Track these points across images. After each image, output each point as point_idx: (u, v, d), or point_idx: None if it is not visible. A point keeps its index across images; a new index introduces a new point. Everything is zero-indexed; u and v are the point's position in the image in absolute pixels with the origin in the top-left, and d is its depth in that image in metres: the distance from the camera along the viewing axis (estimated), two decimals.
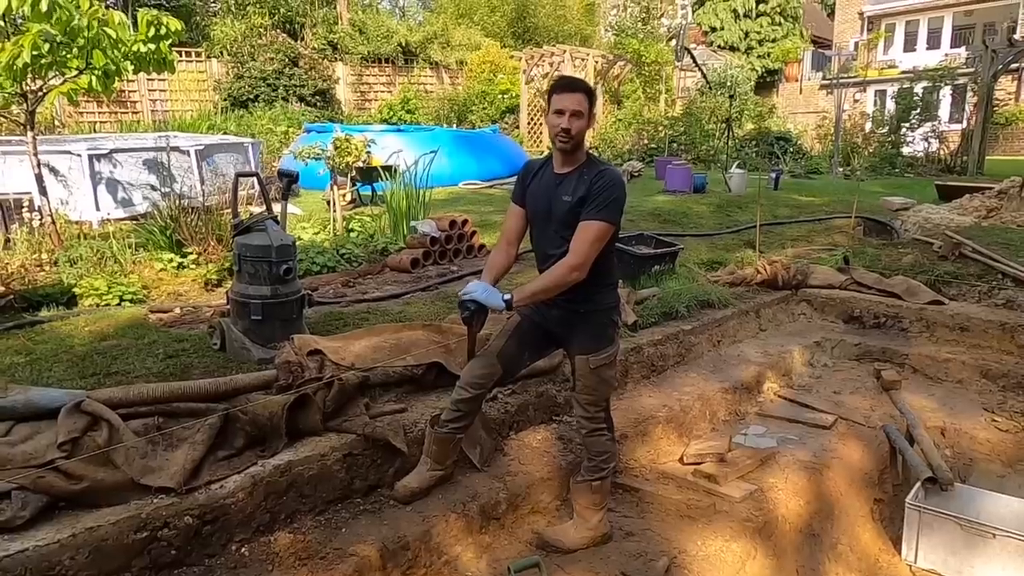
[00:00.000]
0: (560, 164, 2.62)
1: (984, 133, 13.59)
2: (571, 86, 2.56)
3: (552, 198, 2.61)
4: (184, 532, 2.39)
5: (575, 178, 2.57)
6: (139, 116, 15.41)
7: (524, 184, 2.74)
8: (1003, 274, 5.50)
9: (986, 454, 3.89)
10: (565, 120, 2.48)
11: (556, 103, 2.51)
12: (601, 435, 2.82)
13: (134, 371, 3.40)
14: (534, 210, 2.70)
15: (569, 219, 2.57)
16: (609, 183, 2.54)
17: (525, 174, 2.76)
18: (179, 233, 5.58)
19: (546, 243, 2.69)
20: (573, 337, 2.72)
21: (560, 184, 2.60)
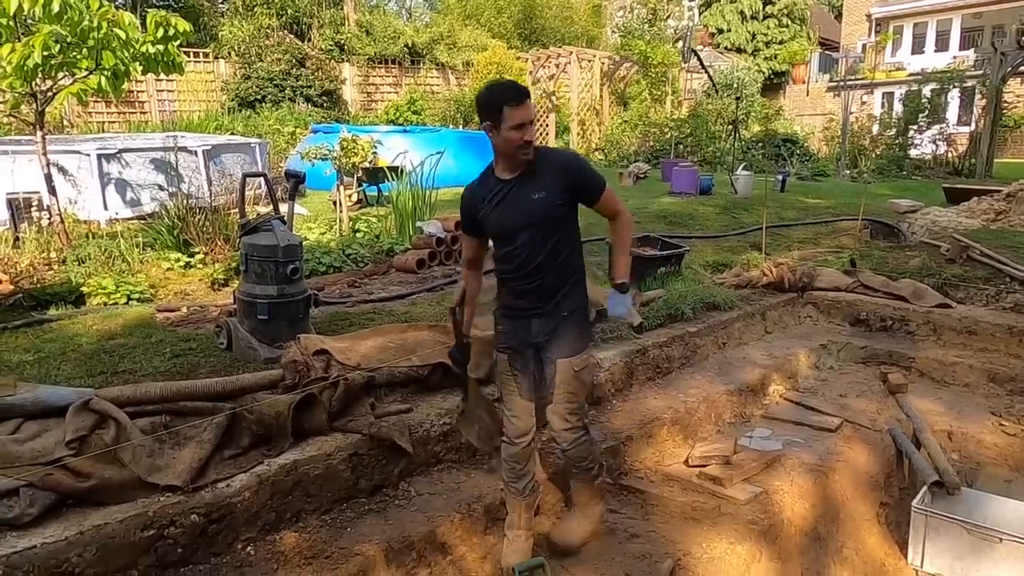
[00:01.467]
0: (508, 170, 2.49)
1: (993, 136, 13.51)
2: (522, 95, 2.40)
3: (521, 205, 2.46)
4: (190, 530, 2.40)
5: (533, 174, 2.47)
6: (147, 116, 15.49)
7: (476, 214, 2.55)
8: (1011, 277, 5.47)
9: (993, 458, 3.87)
10: (527, 132, 2.39)
11: (514, 118, 2.35)
12: (584, 441, 2.71)
13: (141, 370, 3.42)
14: (505, 228, 2.51)
15: (549, 213, 2.49)
16: (573, 158, 2.70)
17: (472, 204, 2.55)
18: (186, 233, 5.61)
19: (534, 254, 2.50)
20: (555, 343, 2.58)
21: (521, 187, 2.47)
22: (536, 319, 2.59)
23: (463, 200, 2.61)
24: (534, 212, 2.48)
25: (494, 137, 2.42)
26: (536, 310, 2.59)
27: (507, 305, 2.66)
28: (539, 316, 2.59)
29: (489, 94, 2.47)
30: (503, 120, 2.37)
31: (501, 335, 2.69)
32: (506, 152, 2.45)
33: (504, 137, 2.40)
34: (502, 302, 2.68)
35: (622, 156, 15.57)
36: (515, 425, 2.67)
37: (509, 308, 2.65)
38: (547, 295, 2.59)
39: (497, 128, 2.39)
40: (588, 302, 2.71)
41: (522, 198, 2.47)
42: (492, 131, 2.41)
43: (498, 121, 2.38)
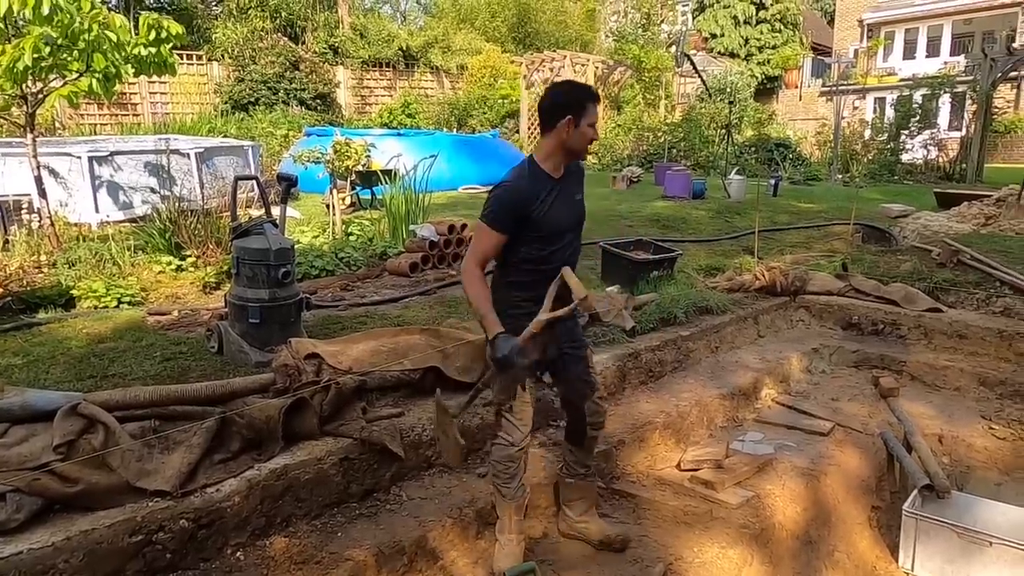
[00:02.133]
0: (557, 169, 2.54)
1: (983, 141, 13.61)
2: (598, 97, 2.55)
3: (570, 205, 2.57)
4: (179, 536, 2.38)
5: (569, 175, 2.59)
6: (140, 118, 15.46)
7: (529, 211, 2.44)
8: (1001, 282, 5.51)
9: (983, 462, 3.89)
10: (596, 131, 2.51)
11: (592, 116, 2.46)
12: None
13: (131, 374, 3.40)
14: (560, 227, 2.51)
15: (583, 213, 2.66)
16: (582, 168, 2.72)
17: (525, 200, 2.45)
18: (178, 236, 5.59)
19: (566, 253, 2.56)
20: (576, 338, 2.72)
21: (566, 187, 2.57)
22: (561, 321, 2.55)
23: (510, 195, 2.46)
24: (577, 212, 2.62)
25: (568, 132, 2.45)
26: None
27: (523, 308, 2.51)
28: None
29: (574, 88, 2.58)
30: (586, 115, 2.44)
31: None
32: (577, 148, 2.51)
33: (582, 132, 2.46)
34: (524, 309, 2.50)
35: (616, 160, 15.61)
36: (521, 431, 2.65)
37: (525, 311, 2.49)
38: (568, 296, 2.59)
39: (577, 123, 2.44)
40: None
41: (568, 198, 2.56)
42: (570, 125, 2.44)
43: (580, 115, 2.43)
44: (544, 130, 2.52)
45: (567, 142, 2.48)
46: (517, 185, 2.49)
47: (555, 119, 2.46)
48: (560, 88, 2.56)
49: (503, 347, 2.34)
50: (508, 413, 2.62)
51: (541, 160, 2.52)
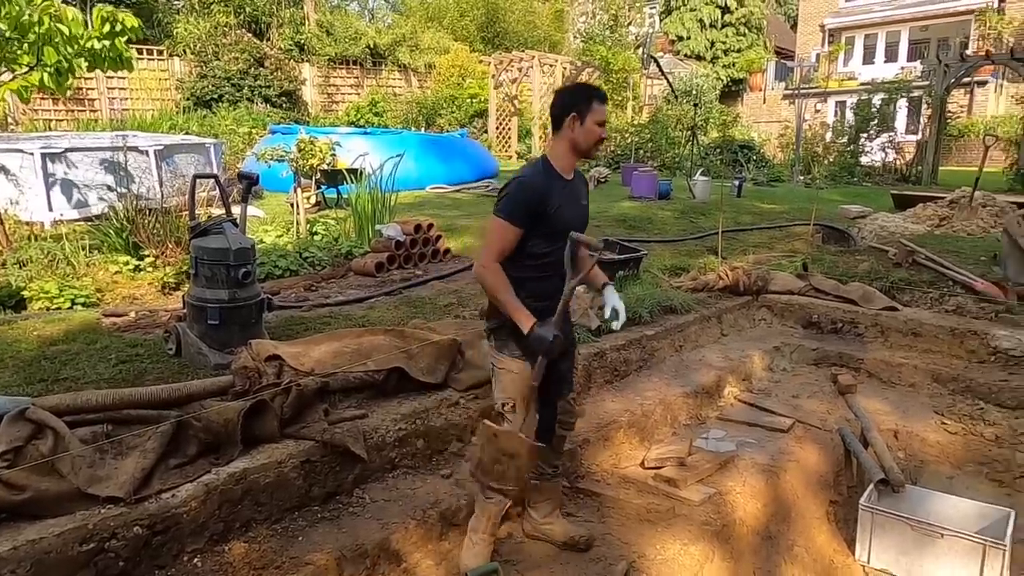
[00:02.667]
0: (567, 170, 2.59)
1: (938, 144, 14.04)
2: (606, 96, 2.57)
3: (577, 206, 2.63)
4: (133, 543, 2.32)
5: (578, 179, 2.66)
6: (97, 115, 15.02)
7: (547, 207, 2.47)
8: (953, 281, 5.68)
9: (936, 456, 4.00)
10: (605, 131, 2.54)
11: (599, 114, 2.50)
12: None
13: (84, 377, 3.30)
14: (569, 226, 2.50)
15: (587, 219, 2.73)
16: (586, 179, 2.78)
17: (544, 196, 2.48)
18: (136, 235, 5.45)
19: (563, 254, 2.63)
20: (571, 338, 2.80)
21: (577, 188, 2.64)
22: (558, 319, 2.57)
23: (527, 189, 2.49)
24: (584, 214, 2.69)
25: (574, 129, 2.50)
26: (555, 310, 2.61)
27: (531, 308, 2.50)
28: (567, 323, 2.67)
29: (579, 87, 2.64)
30: (591, 112, 2.48)
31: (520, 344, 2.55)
32: (584, 146, 2.54)
33: (588, 129, 2.50)
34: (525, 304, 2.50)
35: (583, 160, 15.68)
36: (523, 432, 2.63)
37: (533, 311, 2.49)
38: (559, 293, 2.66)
39: (582, 119, 2.48)
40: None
41: (576, 200, 2.62)
42: (575, 121, 2.49)
43: (585, 112, 2.47)
44: (555, 131, 2.59)
45: (574, 140, 2.52)
46: (533, 180, 2.54)
47: (562, 118, 2.52)
48: (567, 88, 2.64)
49: (546, 334, 2.40)
50: (512, 414, 2.60)
51: (553, 160, 2.57)
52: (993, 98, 21.07)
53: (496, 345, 2.63)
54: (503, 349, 2.60)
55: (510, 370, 2.59)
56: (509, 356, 2.59)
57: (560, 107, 2.54)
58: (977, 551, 3.13)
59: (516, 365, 2.58)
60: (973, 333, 4.80)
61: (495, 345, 2.64)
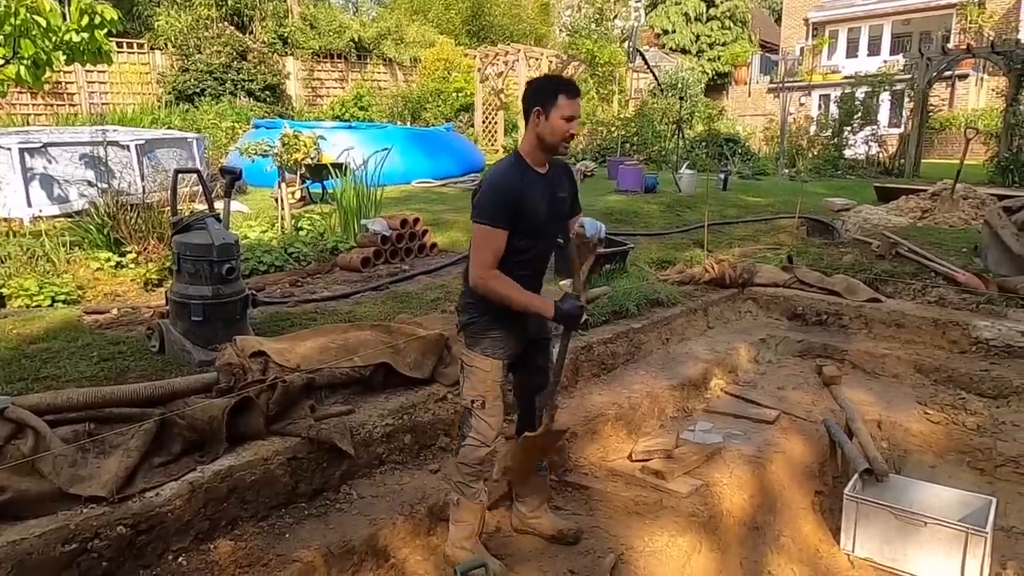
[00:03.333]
0: (540, 163, 2.52)
1: (920, 137, 14.18)
2: (577, 90, 2.47)
3: (552, 200, 2.53)
4: (116, 543, 2.29)
5: (554, 172, 2.57)
6: (77, 109, 14.80)
7: (524, 203, 2.43)
8: (935, 272, 5.75)
9: (919, 445, 4.05)
10: (574, 126, 2.45)
11: (567, 109, 2.40)
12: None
13: (66, 375, 3.26)
14: (539, 222, 2.48)
15: (567, 214, 2.65)
16: (572, 172, 2.69)
17: (519, 192, 2.43)
18: (117, 231, 5.37)
19: (545, 250, 2.63)
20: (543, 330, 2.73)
21: (550, 182, 2.54)
22: (531, 316, 2.58)
23: (501, 188, 2.44)
24: (562, 211, 2.61)
25: (539, 124, 2.43)
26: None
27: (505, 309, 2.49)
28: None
29: (547, 79, 2.56)
30: (556, 107, 2.39)
31: (496, 342, 2.54)
32: (550, 142, 2.45)
33: (552, 125, 2.41)
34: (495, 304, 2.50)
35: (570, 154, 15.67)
36: (494, 429, 2.62)
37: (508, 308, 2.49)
38: (539, 289, 2.68)
39: (547, 114, 2.40)
40: None
41: (554, 195, 2.54)
42: (540, 116, 2.42)
43: (550, 106, 2.40)
44: (525, 124, 2.53)
45: (540, 136, 2.45)
46: (503, 179, 2.48)
47: (528, 112, 2.47)
48: (533, 81, 2.55)
49: (571, 305, 2.41)
50: (481, 411, 2.58)
51: (525, 154, 2.51)
52: (974, 91, 21.31)
53: (468, 342, 2.60)
54: (475, 346, 2.57)
55: (481, 368, 2.56)
56: (480, 354, 2.56)
57: (526, 100, 2.48)
58: (959, 539, 3.18)
59: (487, 363, 2.55)
60: (955, 324, 4.86)
61: (467, 342, 2.61)
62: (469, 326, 2.59)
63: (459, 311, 2.67)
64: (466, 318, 2.60)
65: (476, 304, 2.54)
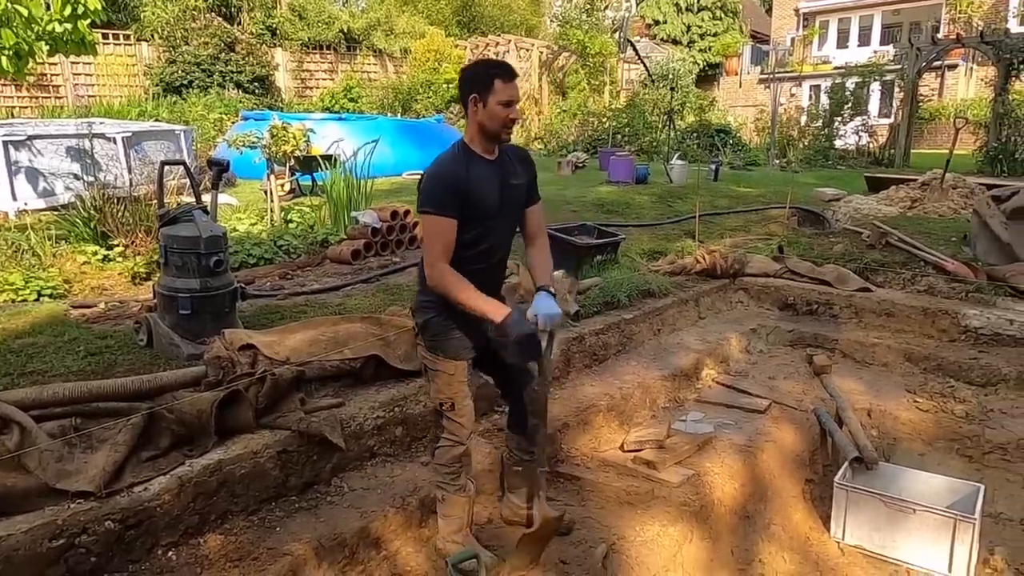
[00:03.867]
0: (488, 151, 2.41)
1: (910, 127, 14.22)
2: (513, 73, 2.35)
3: (504, 188, 2.42)
4: (104, 538, 2.27)
5: (505, 160, 2.46)
6: (63, 101, 14.63)
7: (467, 188, 2.33)
8: (925, 261, 5.77)
9: (908, 433, 4.07)
10: (514, 111, 2.34)
11: (503, 93, 2.30)
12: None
13: (52, 370, 3.22)
14: (492, 209, 2.39)
15: (521, 200, 2.53)
16: (529, 154, 2.59)
17: (460, 178, 2.34)
18: (104, 224, 5.32)
19: (499, 241, 2.50)
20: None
21: (502, 168, 2.43)
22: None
23: (442, 176, 2.35)
24: (515, 198, 2.48)
25: (478, 111, 2.33)
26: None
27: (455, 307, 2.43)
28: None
29: (479, 65, 2.43)
30: (493, 92, 2.30)
31: (452, 344, 2.47)
32: (490, 128, 2.35)
33: (491, 112, 2.32)
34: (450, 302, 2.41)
35: (561, 145, 15.65)
36: (467, 427, 2.60)
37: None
38: (499, 283, 2.64)
39: (484, 101, 2.31)
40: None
41: (504, 181, 2.43)
42: (477, 104, 2.33)
43: (487, 93, 2.30)
44: (464, 113, 2.43)
45: (481, 123, 2.35)
46: (444, 168, 2.39)
47: (465, 100, 2.37)
48: (467, 68, 2.45)
49: (519, 322, 2.25)
50: (451, 412, 2.56)
51: (470, 142, 2.42)
52: (963, 81, 21.37)
53: (428, 344, 2.52)
54: (436, 349, 2.50)
55: (445, 371, 2.51)
56: (443, 356, 2.50)
57: (461, 88, 2.38)
58: (948, 525, 3.20)
59: (451, 366, 2.50)
60: (944, 313, 4.88)
61: (427, 344, 2.52)
62: (428, 327, 2.50)
63: (414, 311, 2.59)
64: (423, 318, 2.51)
65: (433, 303, 2.45)
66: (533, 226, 2.59)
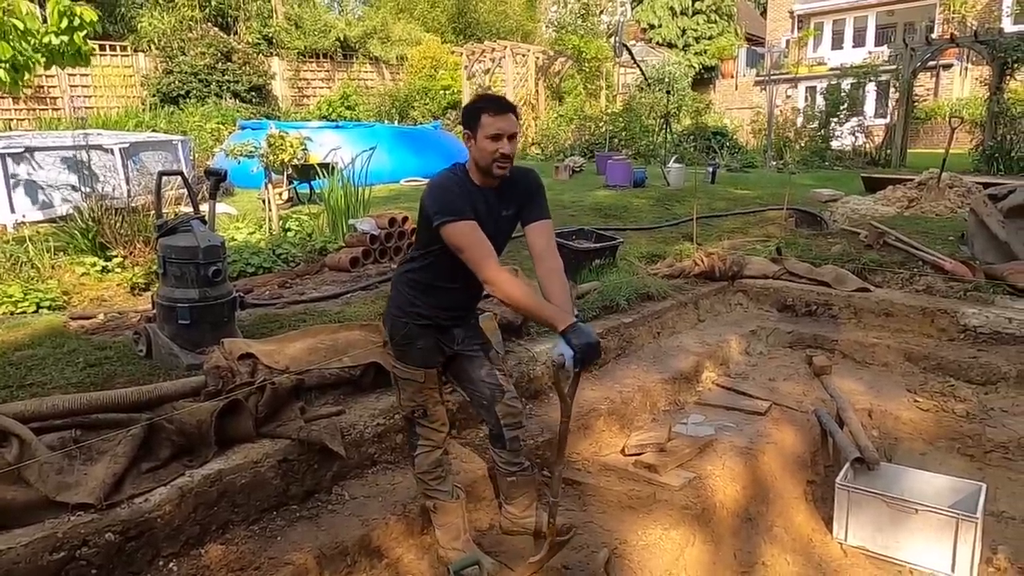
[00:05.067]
0: (484, 182, 2.40)
1: (906, 127, 14.25)
2: (504, 106, 2.35)
3: (494, 219, 2.41)
4: (105, 550, 2.27)
5: (503, 188, 2.43)
6: (60, 113, 14.66)
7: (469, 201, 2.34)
8: (923, 261, 5.78)
9: (909, 433, 4.07)
10: (504, 144, 2.29)
11: (490, 127, 2.28)
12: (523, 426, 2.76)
13: (51, 382, 3.22)
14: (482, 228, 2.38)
15: (510, 230, 2.54)
16: (537, 179, 2.54)
17: (462, 190, 2.35)
18: (103, 235, 5.32)
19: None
20: (475, 341, 2.62)
21: (497, 200, 2.43)
22: (459, 327, 2.59)
23: (448, 184, 2.35)
24: (503, 230, 2.49)
25: (472, 147, 2.35)
26: (461, 318, 2.60)
27: (429, 316, 2.49)
28: (461, 323, 2.61)
29: (474, 100, 2.44)
30: (481, 127, 2.30)
31: (420, 352, 2.51)
32: (482, 165, 2.34)
33: (480, 147, 2.31)
34: (421, 312, 2.49)
35: (558, 150, 15.69)
36: (441, 432, 2.63)
37: (431, 319, 2.49)
38: (474, 304, 2.67)
39: (475, 137, 2.32)
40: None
41: (495, 212, 2.42)
42: (470, 140, 2.35)
43: (476, 128, 2.31)
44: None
45: (474, 158, 2.36)
46: (447, 177, 2.41)
47: (464, 135, 2.40)
48: (467, 104, 2.47)
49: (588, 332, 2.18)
50: (423, 419, 2.59)
51: (468, 169, 2.42)
52: (958, 81, 21.44)
53: (396, 354, 2.55)
54: (404, 358, 2.53)
55: (414, 379, 2.53)
56: (412, 365, 2.52)
57: (462, 124, 2.41)
58: (950, 525, 3.19)
59: (419, 373, 2.53)
60: (943, 312, 4.89)
61: (395, 354, 2.55)
62: (395, 337, 2.54)
63: (384, 321, 2.63)
64: (391, 327, 2.55)
65: (400, 313, 2.52)
66: (538, 246, 2.45)
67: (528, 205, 2.48)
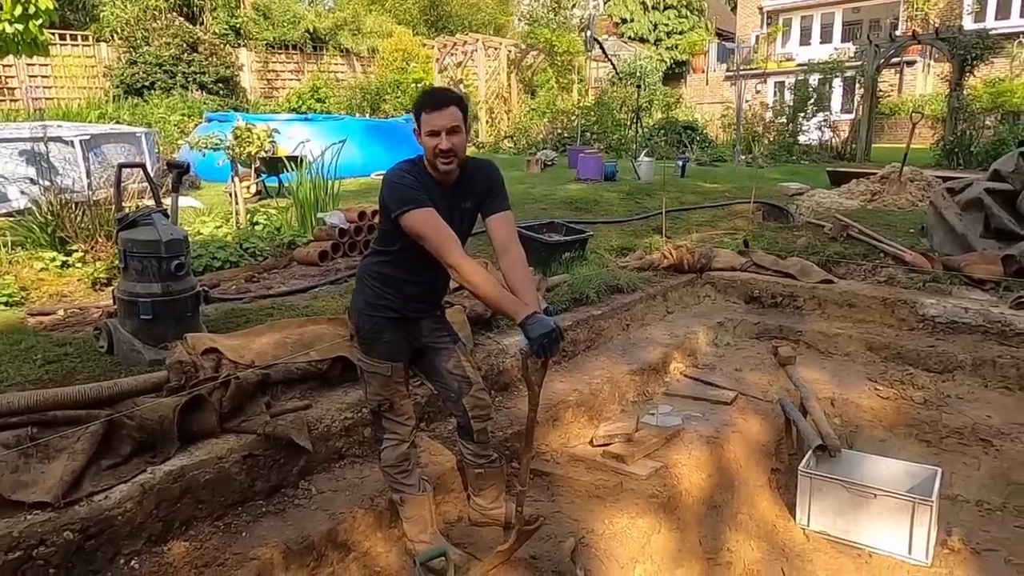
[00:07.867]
0: (440, 177, 2.40)
1: (870, 122, 14.54)
2: (442, 101, 2.32)
3: (452, 211, 2.40)
4: (64, 549, 2.22)
5: (461, 181, 2.44)
6: (18, 104, 14.23)
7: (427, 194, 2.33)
8: (884, 253, 5.92)
9: (870, 420, 4.18)
10: (443, 140, 2.28)
11: (428, 123, 2.29)
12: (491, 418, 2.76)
13: (8, 379, 3.14)
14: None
15: (470, 225, 2.54)
16: (496, 171, 2.55)
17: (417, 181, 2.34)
18: (63, 230, 5.20)
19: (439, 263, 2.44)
20: (443, 334, 2.65)
21: (453, 193, 2.42)
22: (425, 319, 2.60)
23: (402, 176, 2.34)
24: (463, 223, 2.48)
25: (419, 143, 2.38)
26: (428, 311, 2.61)
27: (395, 308, 2.49)
28: (428, 316, 2.61)
29: (417, 99, 2.43)
30: (421, 123, 2.33)
31: (387, 346, 2.51)
32: (428, 160, 2.36)
33: (423, 143, 2.34)
34: (387, 304, 2.49)
35: (530, 144, 15.69)
36: (407, 426, 2.64)
37: (397, 311, 2.50)
38: (440, 296, 2.67)
39: (419, 133, 2.35)
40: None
41: (454, 204, 2.42)
42: (417, 136, 2.38)
43: (419, 125, 2.34)
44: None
45: (424, 155, 2.39)
46: (402, 168, 2.41)
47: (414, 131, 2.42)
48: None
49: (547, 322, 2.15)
50: (390, 412, 2.59)
51: (428, 163, 2.41)
52: (921, 77, 21.94)
53: (363, 348, 2.56)
54: (371, 352, 2.54)
55: (381, 372, 2.54)
56: (378, 358, 2.53)
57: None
58: (907, 508, 3.29)
59: (385, 366, 2.53)
60: (903, 302, 5.01)
61: (361, 348, 2.57)
62: (361, 330, 2.55)
63: (349, 314, 2.63)
64: (356, 322, 2.56)
65: (366, 307, 2.52)
66: (500, 238, 2.44)
67: (488, 198, 2.48)
